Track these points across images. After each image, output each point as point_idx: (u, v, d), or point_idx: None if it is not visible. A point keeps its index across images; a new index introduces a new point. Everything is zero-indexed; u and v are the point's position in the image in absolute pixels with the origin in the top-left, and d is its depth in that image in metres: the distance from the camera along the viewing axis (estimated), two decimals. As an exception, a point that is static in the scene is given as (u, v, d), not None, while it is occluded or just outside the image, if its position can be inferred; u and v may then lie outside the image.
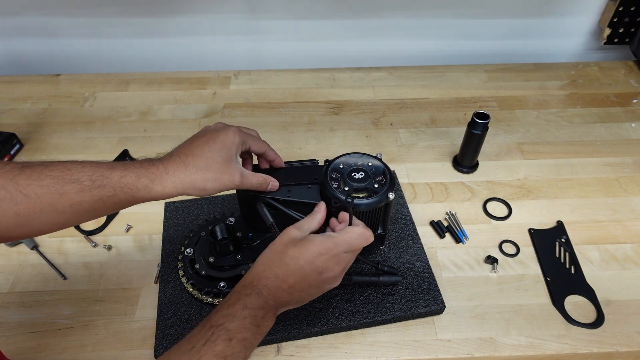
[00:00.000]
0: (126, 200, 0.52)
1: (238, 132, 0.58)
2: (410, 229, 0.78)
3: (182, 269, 0.70)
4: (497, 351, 0.65)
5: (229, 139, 0.57)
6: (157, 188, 0.52)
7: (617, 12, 1.07)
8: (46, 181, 0.48)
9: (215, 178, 0.55)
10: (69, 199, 0.48)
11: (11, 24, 1.10)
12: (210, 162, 0.55)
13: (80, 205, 0.49)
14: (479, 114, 0.81)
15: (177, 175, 0.53)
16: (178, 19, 1.10)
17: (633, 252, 0.76)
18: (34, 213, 0.47)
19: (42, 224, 0.49)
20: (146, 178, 0.52)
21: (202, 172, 0.54)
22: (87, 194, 0.49)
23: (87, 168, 0.50)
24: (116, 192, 0.51)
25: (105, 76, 1.12)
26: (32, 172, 0.48)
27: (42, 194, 0.47)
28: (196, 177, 0.54)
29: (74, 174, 0.49)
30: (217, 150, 0.56)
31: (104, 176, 0.50)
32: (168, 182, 0.53)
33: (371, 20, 1.12)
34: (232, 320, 0.49)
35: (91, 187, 0.49)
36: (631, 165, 0.90)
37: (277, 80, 1.11)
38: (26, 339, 0.66)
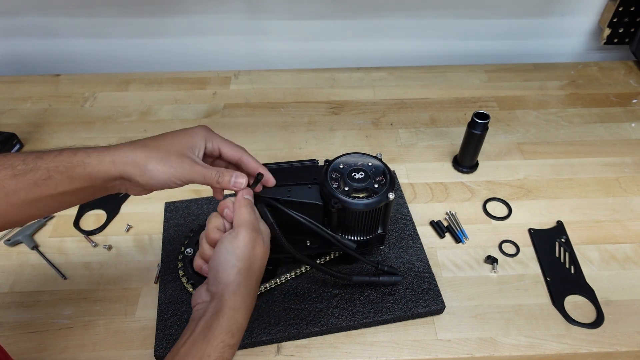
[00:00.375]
0: (62, 182, 0.47)
1: (204, 128, 0.55)
2: (410, 229, 0.78)
3: (182, 269, 0.70)
4: (497, 351, 0.65)
5: (190, 131, 0.54)
6: (93, 162, 0.48)
7: (617, 12, 1.07)
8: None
9: (162, 158, 0.50)
10: (2, 187, 0.45)
11: (11, 24, 1.10)
12: (161, 145, 0.51)
13: (16, 195, 0.46)
14: (479, 114, 0.81)
15: (118, 151, 0.49)
16: (178, 19, 1.10)
17: (633, 252, 0.76)
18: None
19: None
20: (83, 153, 0.48)
21: (148, 150, 0.50)
22: (21, 179, 0.46)
23: (24, 154, 0.48)
24: (50, 173, 0.47)
25: (105, 76, 1.12)
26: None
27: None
28: (140, 153, 0.49)
29: (8, 160, 0.47)
30: (173, 137, 0.52)
31: (39, 157, 0.47)
32: (106, 156, 0.48)
33: (371, 20, 1.12)
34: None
35: (24, 171, 0.46)
36: (631, 165, 0.90)
37: (277, 80, 1.11)
38: (26, 338, 0.66)
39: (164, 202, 0.82)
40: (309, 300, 0.68)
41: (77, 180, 0.48)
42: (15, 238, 0.77)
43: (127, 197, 0.85)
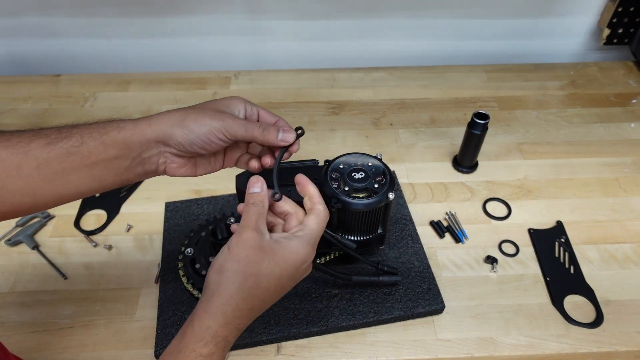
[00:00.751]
0: (95, 149, 0.45)
1: (243, 98, 0.54)
2: (410, 229, 0.78)
3: (182, 269, 0.70)
4: (496, 351, 0.65)
5: (229, 98, 0.52)
6: (128, 126, 0.46)
7: (617, 12, 1.07)
8: (13, 140, 0.43)
9: (200, 113, 0.47)
10: (34, 157, 0.43)
11: (12, 25, 1.10)
12: (198, 105, 0.50)
13: (48, 165, 0.43)
14: (479, 114, 0.81)
15: (155, 115, 0.48)
16: (178, 19, 1.10)
17: (632, 252, 0.76)
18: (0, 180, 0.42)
19: (11, 192, 0.43)
20: (119, 120, 0.47)
21: (185, 110, 0.48)
22: (54, 148, 0.43)
23: (59, 126, 0.46)
24: (83, 139, 0.44)
25: (105, 76, 1.12)
26: (3, 135, 0.44)
27: (7, 155, 0.42)
28: (176, 113, 0.48)
29: (44, 130, 0.45)
30: (212, 102, 0.51)
31: (73, 126, 0.46)
32: (142, 120, 0.47)
33: (371, 20, 1.12)
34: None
35: (58, 139, 0.44)
36: (630, 165, 0.90)
37: (277, 81, 1.11)
38: (27, 338, 0.66)
39: (164, 202, 0.82)
40: (309, 300, 0.68)
41: (110, 147, 0.45)
42: (15, 238, 0.77)
43: (128, 197, 0.85)
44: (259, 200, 0.47)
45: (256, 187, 0.48)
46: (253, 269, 0.43)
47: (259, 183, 0.48)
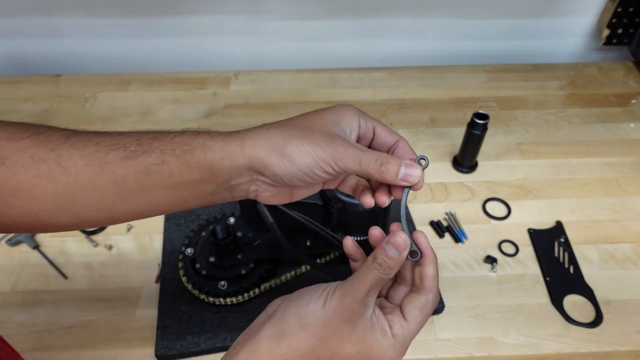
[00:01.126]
0: (177, 170, 0.38)
1: (352, 106, 0.43)
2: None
3: (182, 269, 0.70)
4: (496, 351, 0.65)
5: (337, 107, 0.42)
6: (216, 145, 0.38)
7: (616, 13, 1.08)
8: (90, 148, 0.38)
9: (304, 136, 0.38)
10: (111, 171, 0.38)
11: (12, 25, 1.10)
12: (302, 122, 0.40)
13: (124, 181, 0.38)
14: (479, 114, 0.81)
15: (249, 132, 0.39)
16: (178, 19, 1.10)
17: (632, 252, 0.76)
18: (73, 193, 0.38)
19: (85, 209, 0.39)
20: (206, 135, 0.39)
21: (287, 128, 0.39)
22: (132, 163, 0.38)
23: (140, 132, 0.40)
24: (164, 157, 0.38)
25: (105, 76, 1.12)
26: (79, 139, 0.39)
27: (82, 166, 0.38)
28: (275, 132, 0.38)
29: (123, 138, 0.39)
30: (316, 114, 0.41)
31: (155, 138, 0.39)
32: (234, 139, 0.39)
33: (371, 20, 1.12)
34: None
35: (137, 153, 0.38)
36: (630, 165, 0.91)
37: (277, 81, 1.11)
38: (27, 338, 0.67)
39: (164, 202, 0.82)
40: (309, 300, 0.68)
41: (194, 169, 0.39)
42: (16, 238, 0.77)
43: (128, 197, 0.85)
44: (390, 265, 0.37)
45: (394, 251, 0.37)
46: (334, 344, 0.37)
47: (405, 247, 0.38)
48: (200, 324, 0.66)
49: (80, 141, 0.38)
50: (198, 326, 0.66)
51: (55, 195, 0.38)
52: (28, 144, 0.37)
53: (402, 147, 0.42)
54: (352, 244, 0.42)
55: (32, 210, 0.38)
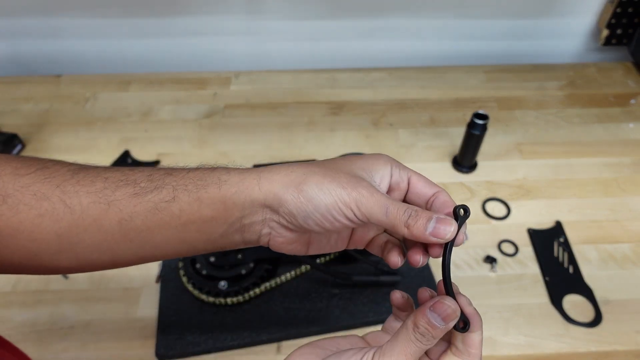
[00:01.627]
0: (188, 206, 0.36)
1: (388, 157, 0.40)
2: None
3: (182, 269, 0.71)
4: (496, 350, 0.65)
5: (372, 155, 0.39)
6: (232, 179, 0.36)
7: (615, 13, 1.08)
8: (97, 185, 0.36)
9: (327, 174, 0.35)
10: (118, 210, 0.36)
11: (12, 25, 1.10)
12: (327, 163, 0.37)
13: (131, 220, 0.36)
14: (478, 115, 0.81)
15: (268, 168, 0.36)
16: (178, 19, 1.11)
17: (631, 252, 0.76)
18: (77, 234, 0.36)
19: (87, 250, 0.37)
20: (223, 170, 0.37)
21: (309, 166, 0.36)
22: (140, 201, 0.36)
23: (153, 169, 0.38)
24: (176, 192, 0.36)
25: (106, 77, 1.12)
26: (87, 175, 0.37)
27: (88, 204, 0.35)
28: (297, 169, 0.36)
29: (134, 174, 0.37)
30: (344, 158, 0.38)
31: (168, 173, 0.37)
32: (251, 173, 0.36)
33: (371, 20, 1.12)
34: None
35: (147, 190, 0.36)
36: (629, 165, 0.91)
37: (277, 81, 1.11)
38: (28, 338, 0.67)
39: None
40: (308, 300, 0.69)
41: (206, 205, 0.36)
42: (16, 238, 0.77)
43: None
44: (434, 336, 0.33)
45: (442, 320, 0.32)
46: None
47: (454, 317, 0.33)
48: (200, 324, 0.66)
49: (88, 177, 0.37)
50: (198, 326, 0.66)
51: (57, 236, 0.35)
52: (32, 180, 0.35)
53: (441, 199, 0.38)
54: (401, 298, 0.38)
55: (32, 252, 0.36)
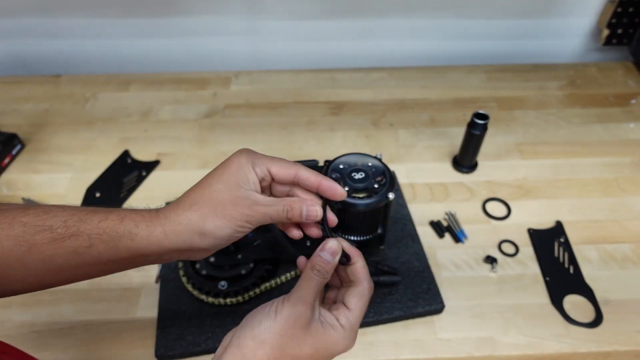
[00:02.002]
0: (107, 252, 0.41)
1: (245, 152, 0.45)
2: (410, 229, 0.78)
3: (182, 269, 0.70)
4: (496, 350, 0.65)
5: (232, 163, 0.44)
6: (141, 233, 0.41)
7: (616, 13, 1.08)
8: (16, 229, 0.40)
9: (218, 212, 0.42)
10: (39, 252, 0.40)
11: (12, 25, 1.10)
12: (211, 195, 0.42)
13: (52, 261, 0.40)
14: (479, 115, 0.81)
15: (168, 217, 0.42)
16: (178, 19, 1.11)
17: (631, 252, 0.76)
18: (2, 270, 0.40)
19: (13, 281, 0.41)
20: (131, 221, 0.42)
21: (200, 207, 0.42)
22: (60, 245, 0.40)
23: (66, 212, 0.42)
24: (92, 241, 0.41)
25: (106, 77, 1.12)
26: (4, 218, 0.40)
27: (10, 246, 0.39)
28: (192, 215, 0.42)
29: (49, 219, 0.41)
30: (219, 179, 0.43)
31: (82, 220, 0.41)
32: (157, 227, 0.41)
33: (371, 20, 1.12)
34: None
35: (64, 236, 0.40)
36: (629, 165, 0.91)
37: (277, 81, 1.11)
38: (27, 338, 0.67)
39: (164, 202, 0.83)
40: (309, 300, 0.69)
41: (123, 251, 0.42)
42: (16, 238, 0.77)
43: (128, 197, 0.85)
44: (327, 270, 0.43)
45: (330, 256, 0.43)
46: (293, 350, 0.40)
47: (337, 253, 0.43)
48: (200, 324, 0.66)
49: (5, 220, 0.40)
50: (198, 326, 0.66)
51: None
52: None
53: (303, 176, 0.45)
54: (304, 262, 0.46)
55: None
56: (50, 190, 0.86)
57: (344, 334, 0.42)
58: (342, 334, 0.42)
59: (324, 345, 0.41)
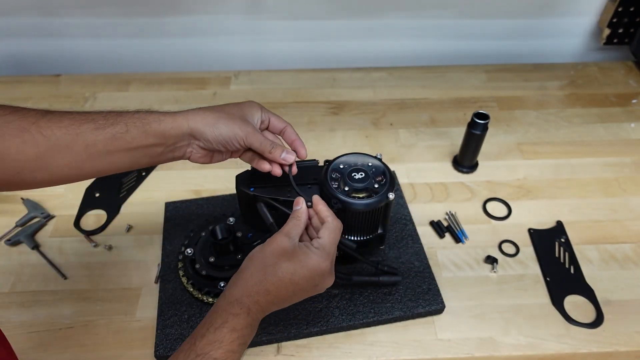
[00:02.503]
0: (138, 136, 0.53)
1: (256, 103, 0.61)
2: (410, 229, 0.78)
3: (182, 269, 0.70)
4: (496, 351, 0.65)
5: (248, 103, 0.60)
6: (167, 119, 0.54)
7: (617, 12, 1.08)
8: (65, 122, 0.50)
9: (229, 119, 0.56)
10: (84, 138, 0.50)
11: (12, 25, 1.10)
12: (228, 109, 0.57)
13: (95, 146, 0.51)
14: (479, 114, 0.81)
15: (189, 112, 0.56)
16: (178, 19, 1.10)
17: (632, 252, 0.76)
18: (52, 155, 0.49)
19: (60, 166, 0.50)
20: (158, 113, 0.55)
21: (218, 112, 0.57)
22: (101, 132, 0.51)
23: (105, 112, 0.53)
24: (128, 127, 0.52)
25: (105, 76, 1.12)
26: (54, 116, 0.51)
27: (60, 135, 0.49)
28: (210, 114, 0.56)
29: (91, 115, 0.52)
30: (236, 105, 0.59)
31: (118, 114, 0.53)
32: (179, 115, 0.55)
33: (371, 20, 1.12)
34: (219, 347, 0.47)
35: (105, 125, 0.51)
36: (630, 165, 0.90)
37: (277, 80, 1.11)
38: (27, 339, 0.66)
39: (164, 202, 0.82)
40: (308, 301, 0.68)
41: (151, 136, 0.53)
42: (15, 238, 0.77)
43: (128, 197, 0.85)
44: (297, 215, 0.56)
45: (297, 205, 0.57)
46: (272, 261, 0.52)
47: (301, 202, 0.57)
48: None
49: (56, 117, 0.50)
50: (198, 326, 0.66)
51: (37, 157, 0.49)
52: (12, 118, 0.49)
53: (289, 132, 0.61)
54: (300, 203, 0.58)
55: (16, 170, 0.49)
56: (50, 190, 0.86)
57: (317, 252, 0.52)
58: (315, 252, 0.52)
59: (301, 263, 0.51)
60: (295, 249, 0.52)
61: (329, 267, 0.53)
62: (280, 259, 0.51)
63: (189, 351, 0.47)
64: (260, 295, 0.51)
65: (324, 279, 0.53)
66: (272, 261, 0.51)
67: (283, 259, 0.51)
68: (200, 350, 0.47)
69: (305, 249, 0.53)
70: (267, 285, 0.51)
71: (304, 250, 0.52)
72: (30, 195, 0.84)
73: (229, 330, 0.48)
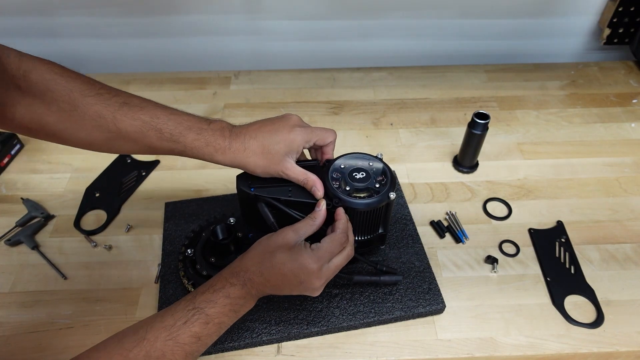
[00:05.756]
0: (193, 156, 0.61)
1: (303, 132, 0.62)
2: (411, 229, 0.78)
3: (182, 269, 0.70)
4: (497, 351, 0.65)
5: (292, 137, 0.61)
6: (218, 158, 0.61)
7: (617, 12, 1.07)
8: (137, 122, 0.58)
9: (265, 166, 0.61)
10: (149, 140, 0.59)
11: (11, 25, 1.10)
12: (266, 150, 0.61)
13: (154, 149, 0.61)
14: (479, 114, 0.81)
15: (235, 154, 0.61)
16: (178, 19, 1.10)
17: (633, 252, 0.76)
18: (119, 141, 0.59)
19: (123, 149, 0.62)
20: (212, 148, 0.60)
21: (256, 158, 0.61)
22: (164, 144, 0.60)
23: (171, 122, 0.60)
24: (186, 150, 0.60)
25: (105, 76, 1.11)
26: (130, 110, 0.58)
27: (131, 131, 0.58)
28: (250, 160, 0.61)
29: (160, 123, 0.59)
30: (277, 143, 0.61)
31: (181, 134, 0.60)
32: (227, 157, 0.61)
33: (371, 20, 1.12)
34: (213, 307, 0.53)
35: (168, 139, 0.59)
36: (631, 165, 0.90)
37: (277, 80, 1.11)
38: (26, 339, 0.66)
39: (164, 202, 0.82)
40: (309, 301, 0.68)
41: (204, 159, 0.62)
42: (15, 238, 0.77)
43: (128, 197, 0.85)
44: (314, 215, 0.60)
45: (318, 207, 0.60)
46: (272, 249, 0.56)
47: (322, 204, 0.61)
48: (200, 324, 0.66)
49: (131, 112, 0.58)
50: (198, 326, 0.66)
51: (107, 140, 0.59)
52: (94, 101, 0.57)
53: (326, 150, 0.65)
54: None
55: (89, 142, 0.60)
56: (49, 190, 0.86)
57: (310, 252, 0.55)
58: (308, 252, 0.55)
59: (292, 258, 0.55)
60: (296, 245, 0.56)
61: (316, 270, 0.55)
62: (279, 249, 0.55)
63: (190, 301, 0.53)
64: (255, 275, 0.55)
65: (309, 278, 0.55)
66: (272, 249, 0.56)
67: (281, 250, 0.55)
68: (197, 305, 0.53)
69: (302, 247, 0.56)
70: (261, 269, 0.55)
71: (300, 248, 0.56)
72: (30, 195, 0.84)
73: (224, 295, 0.54)
